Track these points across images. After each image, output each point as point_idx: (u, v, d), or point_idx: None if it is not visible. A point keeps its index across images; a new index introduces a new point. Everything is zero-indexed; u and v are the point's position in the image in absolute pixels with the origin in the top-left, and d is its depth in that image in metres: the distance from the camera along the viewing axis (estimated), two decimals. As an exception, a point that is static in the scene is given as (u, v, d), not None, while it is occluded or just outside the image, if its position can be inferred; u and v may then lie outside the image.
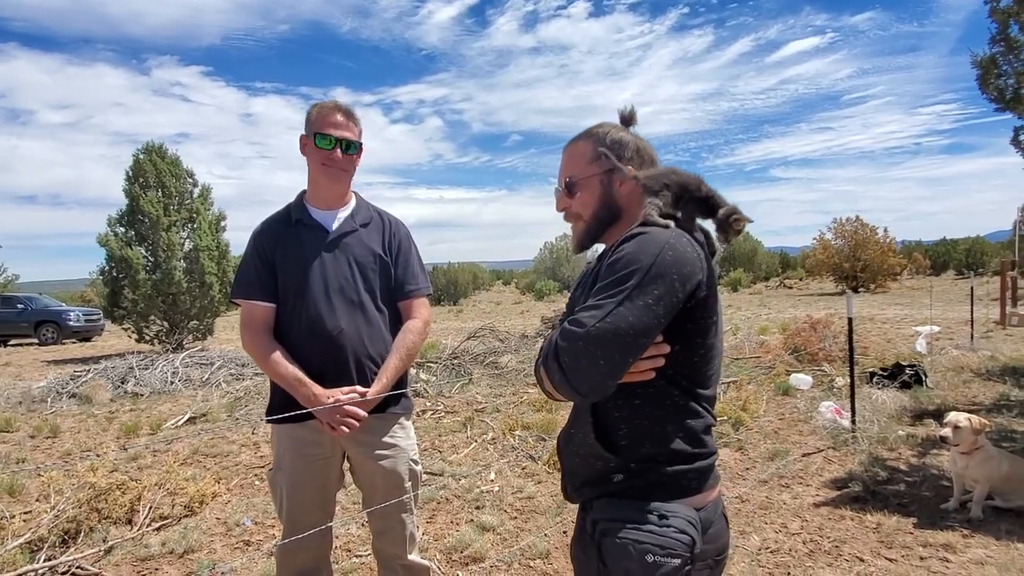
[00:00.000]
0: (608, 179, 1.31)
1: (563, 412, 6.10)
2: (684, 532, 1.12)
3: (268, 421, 2.05)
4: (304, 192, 2.12)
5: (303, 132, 2.05)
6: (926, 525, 3.33)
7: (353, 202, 2.15)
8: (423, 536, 3.40)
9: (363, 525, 3.41)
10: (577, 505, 1.34)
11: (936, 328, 9.95)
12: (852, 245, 27.25)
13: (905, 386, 6.15)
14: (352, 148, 2.03)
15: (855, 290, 25.79)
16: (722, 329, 1.28)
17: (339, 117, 2.01)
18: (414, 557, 2.17)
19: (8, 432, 6.60)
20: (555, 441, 1.42)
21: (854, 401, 4.97)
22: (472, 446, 5.16)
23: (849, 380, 5.00)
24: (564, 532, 3.41)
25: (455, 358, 8.45)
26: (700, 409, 1.21)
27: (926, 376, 6.39)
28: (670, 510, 1.14)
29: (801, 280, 39.45)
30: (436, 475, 4.43)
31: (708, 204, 1.26)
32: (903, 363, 6.60)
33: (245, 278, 2.04)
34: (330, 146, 1.99)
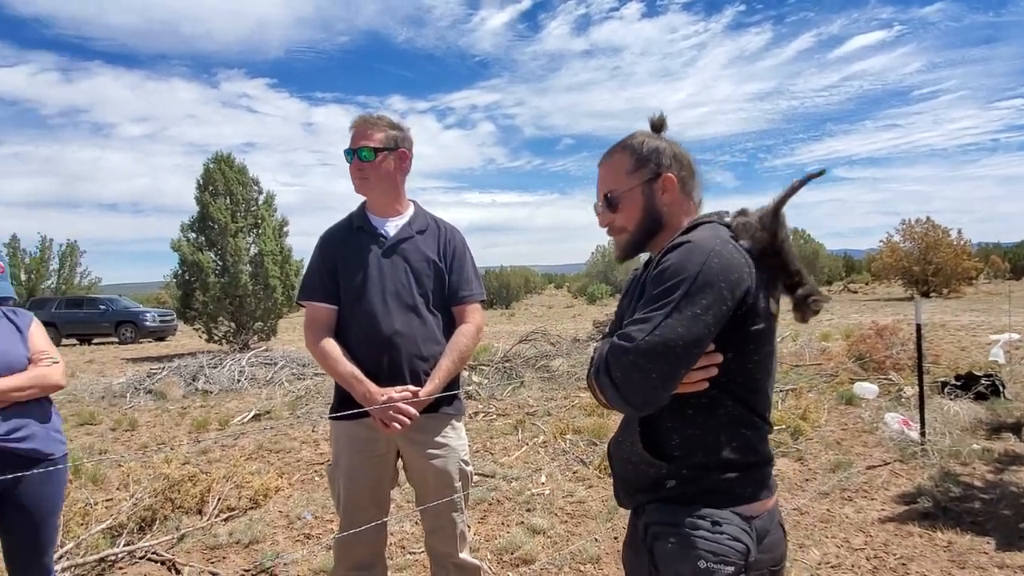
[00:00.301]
0: (650, 189, 1.30)
1: (614, 417, 6.05)
2: (738, 540, 1.11)
3: (329, 418, 2.16)
4: (366, 201, 2.24)
5: None
6: (1004, 546, 3.14)
7: (411, 210, 2.25)
8: (474, 537, 3.46)
9: (417, 523, 3.50)
10: (629, 510, 1.34)
11: (1016, 336, 9.32)
12: (922, 248, 25.86)
13: (980, 397, 5.80)
14: (366, 154, 2.11)
15: (926, 295, 24.47)
16: (776, 335, 1.26)
17: (357, 129, 2.13)
18: (465, 556, 2.22)
19: (92, 425, 7.10)
20: (606, 447, 1.43)
21: (923, 412, 4.73)
22: (523, 449, 5.20)
23: (918, 390, 4.76)
24: (615, 538, 3.40)
25: (507, 361, 8.51)
26: (755, 418, 1.19)
27: (1004, 387, 6.00)
28: (724, 517, 1.13)
29: (867, 284, 37.72)
30: (487, 477, 4.49)
31: (790, 277, 1.23)
32: (978, 373, 6.23)
33: (310, 282, 2.17)
34: (350, 159, 2.12)
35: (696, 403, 1.16)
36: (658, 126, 1.35)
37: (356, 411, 2.02)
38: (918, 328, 4.78)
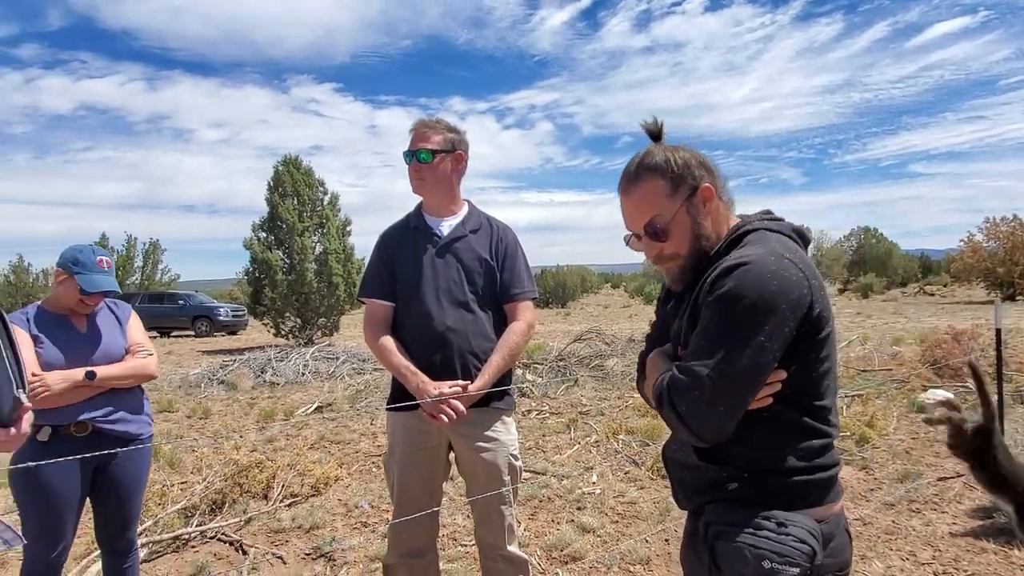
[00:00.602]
0: (692, 206, 1.22)
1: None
2: (804, 542, 1.08)
3: (386, 410, 2.25)
4: (422, 202, 2.32)
5: None
6: (1089, 567, 2.93)
7: (465, 210, 2.32)
8: (524, 532, 3.50)
9: (468, 516, 3.57)
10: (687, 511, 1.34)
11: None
12: (1008, 247, 24.09)
13: (1072, 409, 5.39)
14: (424, 156, 2.18)
15: (1012, 298, 22.78)
16: (835, 337, 1.23)
17: (418, 131, 2.21)
18: (513, 549, 2.26)
19: (170, 412, 7.58)
20: (661, 449, 1.43)
21: (1003, 422, 4.44)
22: (575, 448, 5.21)
23: (997, 398, 4.47)
24: (666, 540, 3.37)
25: (561, 360, 8.52)
26: (819, 426, 1.17)
27: (1100, 399, 5.55)
28: (789, 518, 1.11)
29: (945, 287, 35.44)
30: (539, 474, 4.53)
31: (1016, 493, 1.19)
32: (1070, 383, 5.78)
33: (369, 280, 2.27)
34: (409, 160, 2.20)
35: (759, 417, 1.13)
36: (657, 133, 1.28)
37: (408, 403, 2.10)
38: (998, 333, 4.50)
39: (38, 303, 2.27)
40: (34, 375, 2.04)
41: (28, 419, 1.37)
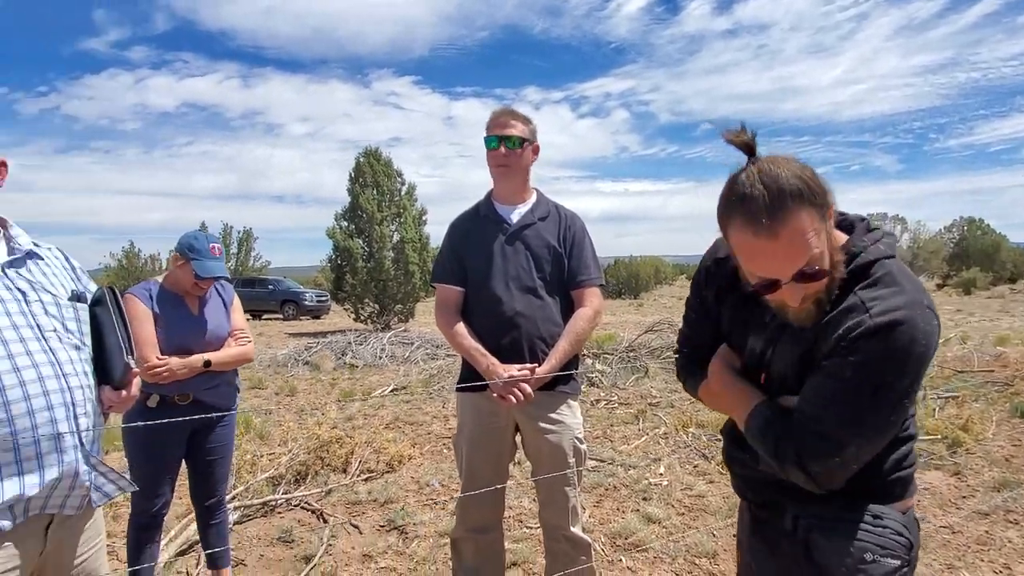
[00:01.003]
0: (828, 232, 1.05)
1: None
2: (900, 534, 1.08)
3: (457, 390, 2.35)
4: (491, 191, 2.39)
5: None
6: None
7: (534, 198, 2.37)
8: (589, 518, 3.54)
9: (534, 500, 3.65)
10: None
11: None
12: None
13: None
14: (513, 143, 2.23)
15: None
16: None
17: (503, 119, 2.25)
18: (576, 531, 2.30)
19: (260, 389, 8.13)
20: (722, 453, 1.40)
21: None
22: (643, 439, 5.18)
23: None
24: (734, 536, 3.31)
25: (631, 351, 8.44)
26: (907, 432, 1.16)
27: None
28: (883, 511, 1.10)
29: (1067, 284, 32.08)
30: (605, 463, 4.54)
31: None
32: None
33: (440, 266, 2.37)
34: (496, 146, 2.23)
35: None
36: (753, 148, 1.07)
37: (477, 383, 2.18)
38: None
39: (159, 280, 2.51)
40: (159, 359, 2.32)
41: (137, 383, 1.55)
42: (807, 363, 1.09)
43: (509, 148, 2.22)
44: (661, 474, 4.30)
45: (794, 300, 1.04)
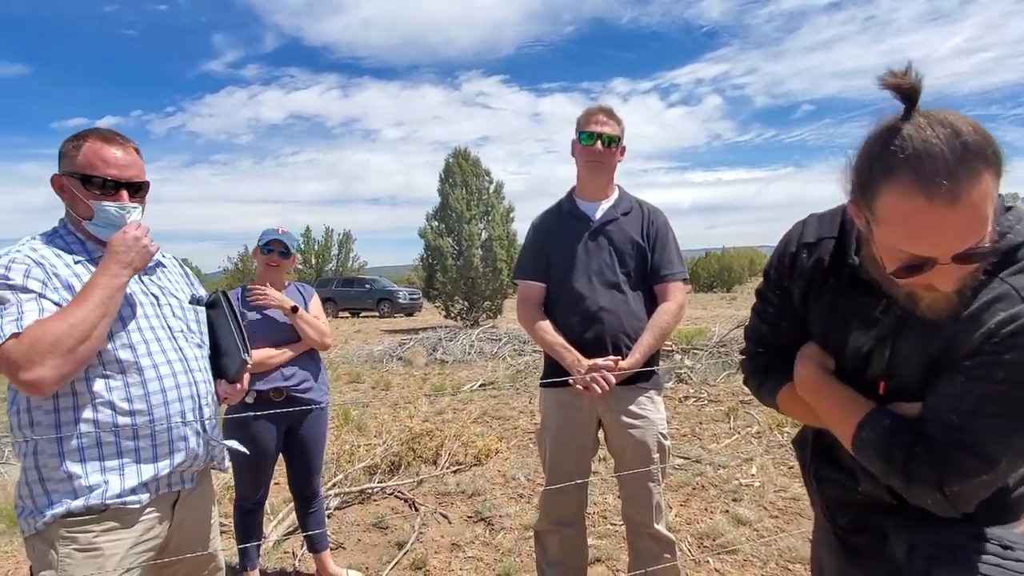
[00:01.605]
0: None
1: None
2: None
3: (541, 386, 2.40)
4: (574, 187, 2.41)
5: (573, 138, 2.33)
6: None
7: (616, 194, 2.38)
8: (675, 518, 3.48)
9: (619, 496, 3.64)
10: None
11: None
12: None
13: None
14: (611, 142, 2.24)
15: None
16: None
17: (600, 116, 2.25)
18: (660, 528, 2.28)
19: (358, 383, 8.59)
20: (810, 469, 1.26)
21: None
22: (734, 437, 5.00)
23: None
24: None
25: (722, 346, 8.14)
26: None
27: None
28: (1012, 540, 0.96)
29: None
30: (693, 461, 4.44)
31: None
32: None
33: (523, 262, 2.42)
34: (592, 141, 2.24)
35: None
36: (916, 95, 0.86)
37: (560, 379, 2.22)
38: None
39: (247, 285, 2.76)
40: (258, 290, 2.63)
41: (247, 378, 1.74)
42: (938, 364, 0.93)
43: (604, 145, 2.24)
44: (753, 474, 4.14)
45: (947, 284, 0.86)
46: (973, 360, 0.88)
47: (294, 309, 2.65)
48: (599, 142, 2.23)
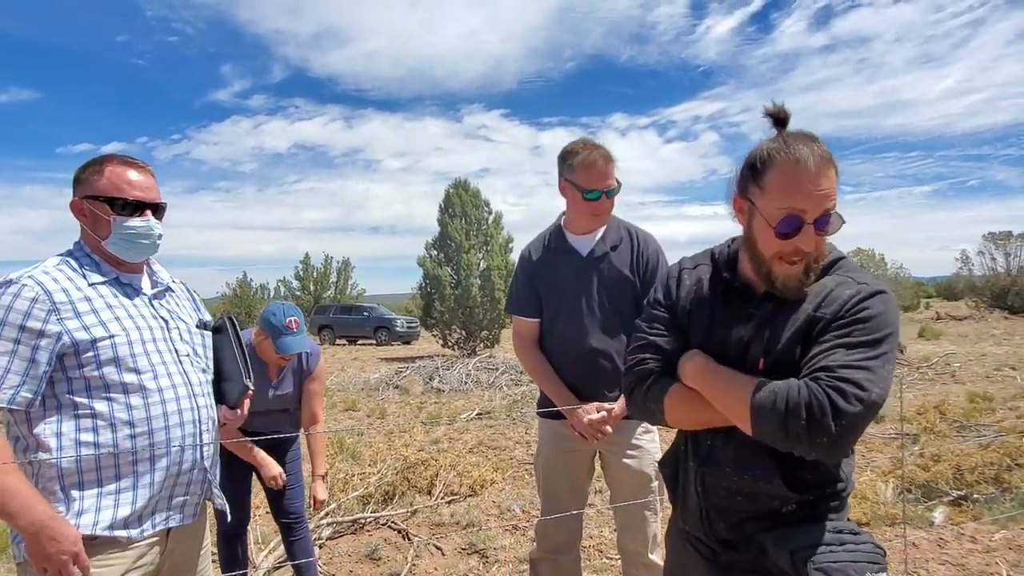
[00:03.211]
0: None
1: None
2: (877, 545, 1.14)
3: (538, 414, 2.38)
4: (563, 217, 2.37)
5: (561, 176, 2.25)
6: None
7: (604, 225, 2.33)
8: (672, 551, 3.44)
9: (615, 529, 3.60)
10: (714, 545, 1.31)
11: None
12: None
13: None
14: (614, 192, 2.22)
15: None
16: None
17: (604, 168, 2.18)
18: (655, 558, 2.26)
19: (353, 411, 8.53)
20: (694, 476, 1.34)
21: None
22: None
23: None
24: None
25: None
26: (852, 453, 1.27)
27: None
28: (853, 527, 1.17)
29: None
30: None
31: None
32: None
33: (515, 297, 2.38)
34: (596, 197, 2.19)
35: None
36: (784, 119, 1.20)
37: (557, 409, 2.21)
38: None
39: (251, 339, 2.60)
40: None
41: (247, 403, 1.74)
42: (806, 336, 1.16)
43: (609, 197, 2.21)
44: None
45: (809, 245, 1.15)
46: (836, 323, 1.13)
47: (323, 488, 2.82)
48: (604, 196, 2.19)
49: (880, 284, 1.18)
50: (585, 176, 2.18)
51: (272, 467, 2.63)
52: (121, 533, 1.41)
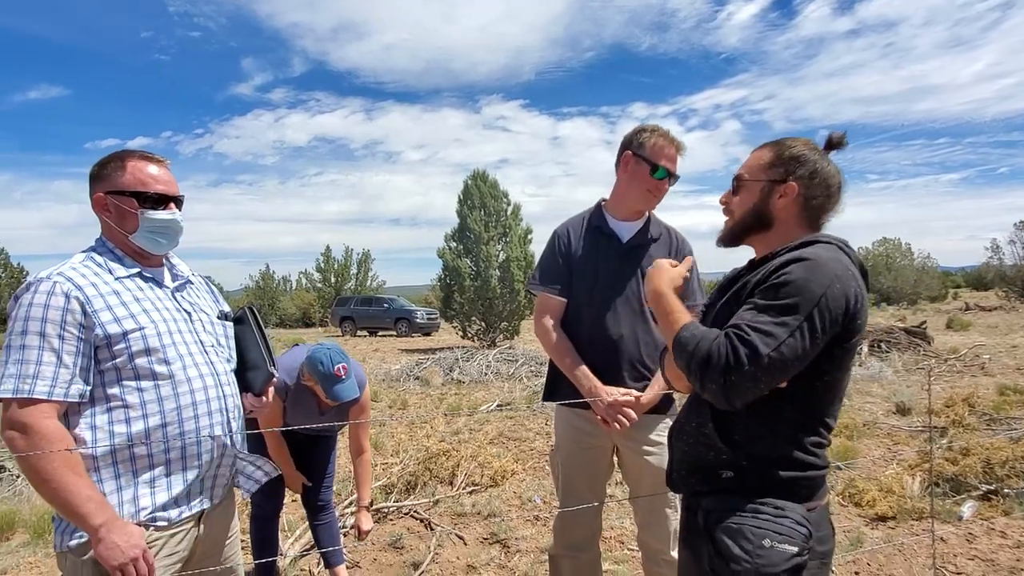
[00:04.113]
0: (770, 189, 1.37)
1: (864, 442, 5.38)
2: (800, 524, 1.19)
3: (543, 401, 2.36)
4: (603, 201, 2.33)
5: (628, 149, 2.21)
6: None
7: (647, 216, 2.31)
8: (694, 544, 3.43)
9: (635, 522, 3.60)
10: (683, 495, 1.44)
11: None
12: None
13: None
14: (674, 180, 2.22)
15: None
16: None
17: (673, 152, 2.18)
18: (676, 554, 2.26)
19: (375, 402, 8.61)
20: (667, 432, 1.53)
21: None
22: (755, 464, 4.93)
23: None
24: (855, 573, 3.08)
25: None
26: (814, 425, 1.27)
27: None
28: (785, 505, 1.22)
29: None
30: (713, 488, 4.37)
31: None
32: None
33: (546, 270, 2.30)
34: (664, 177, 2.18)
35: (760, 403, 1.21)
36: (833, 144, 1.39)
37: (577, 401, 2.19)
38: None
39: (304, 368, 2.55)
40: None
41: (272, 391, 1.77)
42: (737, 303, 1.28)
43: (671, 183, 2.21)
44: (773, 503, 4.07)
45: (721, 196, 1.47)
46: (758, 290, 1.23)
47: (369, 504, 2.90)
48: (668, 181, 2.19)
49: (813, 255, 1.22)
50: (658, 152, 2.16)
51: (295, 484, 2.74)
52: (160, 519, 1.45)
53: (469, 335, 17.45)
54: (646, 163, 2.15)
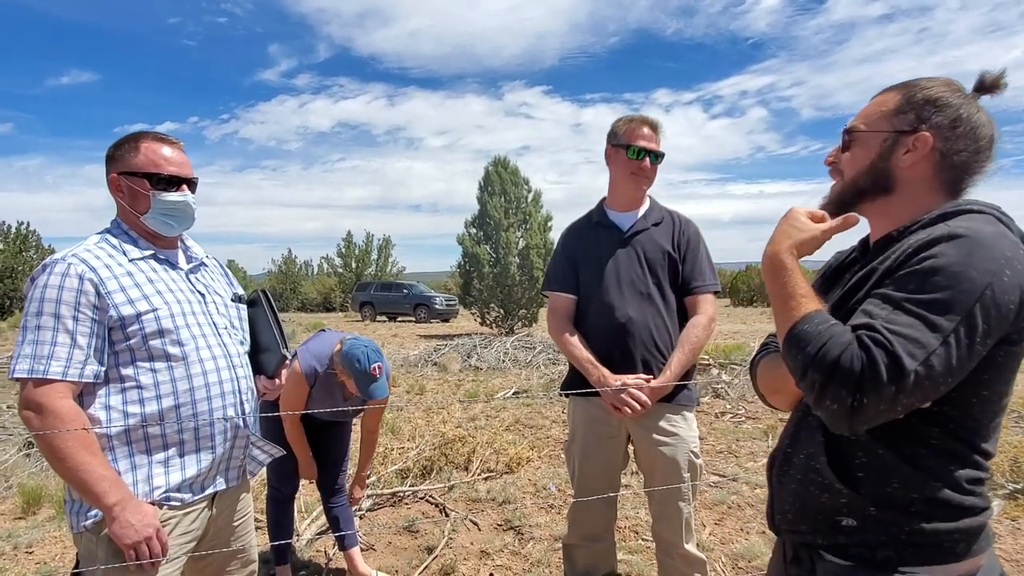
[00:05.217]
0: (894, 141, 1.04)
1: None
2: None
3: (564, 394, 2.38)
4: (604, 198, 2.40)
5: (608, 144, 2.30)
6: None
7: (647, 203, 2.35)
8: (709, 537, 3.40)
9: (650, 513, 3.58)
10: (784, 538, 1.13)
11: None
12: None
13: None
14: (657, 158, 2.23)
15: None
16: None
17: (649, 132, 2.22)
18: (691, 548, 2.24)
19: (393, 387, 8.68)
20: (767, 460, 1.20)
21: None
22: (773, 457, 4.87)
23: None
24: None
25: (764, 363, 7.95)
26: (970, 454, 0.95)
27: None
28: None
29: None
30: (729, 479, 4.33)
31: None
32: None
33: (553, 274, 2.40)
34: (640, 157, 2.21)
35: (893, 425, 0.91)
36: (985, 86, 1.05)
37: (589, 390, 2.19)
38: None
39: (338, 361, 2.52)
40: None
41: (284, 372, 1.78)
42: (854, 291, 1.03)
43: (652, 162, 2.23)
44: (792, 496, 4.02)
45: (828, 155, 1.15)
46: (892, 278, 0.92)
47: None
48: (647, 159, 2.21)
49: (970, 230, 0.90)
50: (630, 134, 2.22)
51: (308, 472, 2.76)
52: (174, 499, 1.46)
53: (487, 322, 17.48)
54: (623, 148, 2.22)
